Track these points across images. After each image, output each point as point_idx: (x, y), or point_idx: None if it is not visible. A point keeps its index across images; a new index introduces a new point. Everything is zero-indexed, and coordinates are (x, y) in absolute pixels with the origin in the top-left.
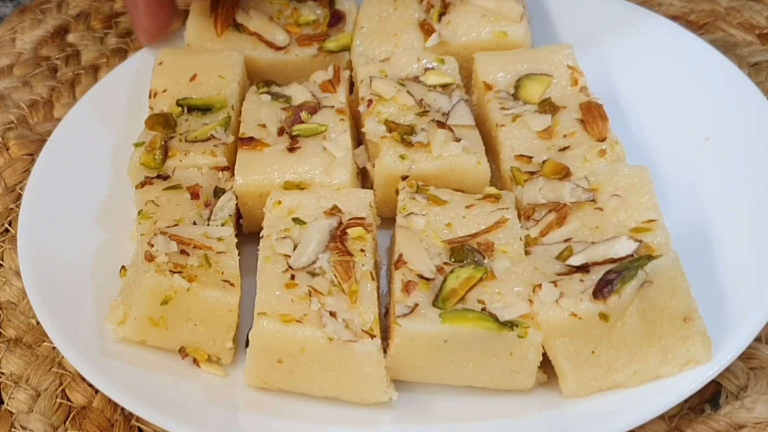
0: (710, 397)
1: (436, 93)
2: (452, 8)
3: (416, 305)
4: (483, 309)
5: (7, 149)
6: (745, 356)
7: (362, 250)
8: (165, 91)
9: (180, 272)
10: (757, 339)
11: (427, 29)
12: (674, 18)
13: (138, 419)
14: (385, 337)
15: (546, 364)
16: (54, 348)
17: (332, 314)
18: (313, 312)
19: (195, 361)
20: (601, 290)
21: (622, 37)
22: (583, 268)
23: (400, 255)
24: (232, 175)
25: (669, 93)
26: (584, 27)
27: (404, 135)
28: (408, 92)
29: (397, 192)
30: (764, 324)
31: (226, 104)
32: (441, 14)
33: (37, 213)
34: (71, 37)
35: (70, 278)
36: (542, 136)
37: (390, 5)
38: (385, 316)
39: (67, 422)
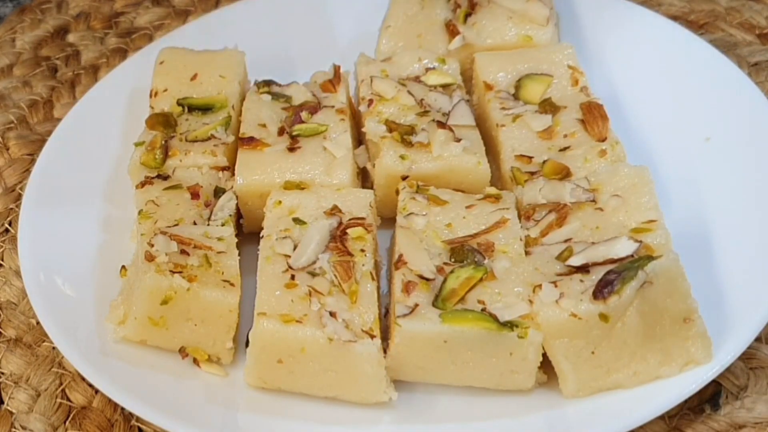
0: (710, 397)
1: (436, 93)
2: (479, 8)
3: (416, 305)
4: (483, 309)
5: (7, 149)
6: (745, 356)
7: (362, 250)
8: (166, 90)
9: (180, 272)
10: (757, 339)
11: (452, 30)
12: (674, 18)
13: (138, 419)
14: (385, 337)
15: (546, 364)
16: (54, 348)
17: (332, 314)
18: (313, 312)
19: (195, 361)
20: (601, 291)
21: (622, 37)
22: (583, 269)
23: (400, 255)
24: (233, 174)
25: (669, 93)
26: (584, 27)
27: (404, 135)
28: (409, 92)
29: (397, 192)
30: (764, 324)
31: (227, 104)
32: (467, 15)
33: (37, 213)
34: (71, 37)
35: (70, 278)
36: (543, 136)
37: (417, 4)
38: (385, 316)
39: (67, 422)
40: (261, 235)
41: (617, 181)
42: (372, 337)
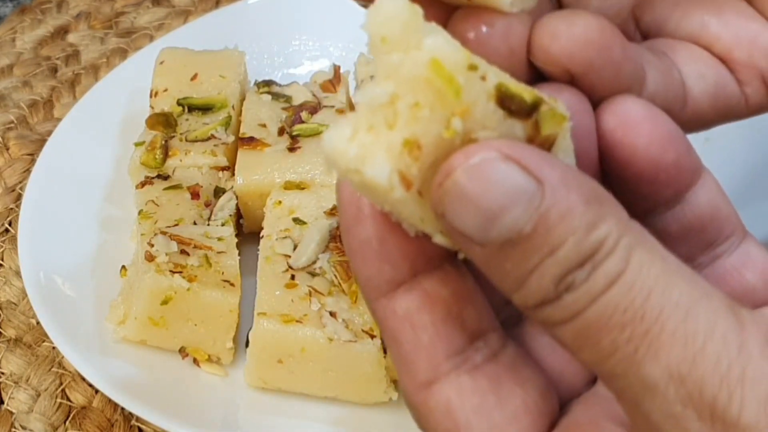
0: None
1: None
2: None
3: None
4: None
5: (7, 149)
6: None
7: None
8: (166, 90)
9: (180, 272)
10: None
11: None
12: None
13: (138, 419)
14: None
15: None
16: (54, 348)
17: (332, 314)
18: (313, 312)
19: (195, 361)
20: None
21: None
22: None
23: None
24: (233, 174)
25: None
26: None
27: None
28: None
29: None
30: None
31: (227, 104)
32: None
33: (37, 213)
34: (71, 37)
35: (70, 278)
36: None
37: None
38: None
39: (67, 422)
40: (261, 235)
41: None
42: (372, 337)
